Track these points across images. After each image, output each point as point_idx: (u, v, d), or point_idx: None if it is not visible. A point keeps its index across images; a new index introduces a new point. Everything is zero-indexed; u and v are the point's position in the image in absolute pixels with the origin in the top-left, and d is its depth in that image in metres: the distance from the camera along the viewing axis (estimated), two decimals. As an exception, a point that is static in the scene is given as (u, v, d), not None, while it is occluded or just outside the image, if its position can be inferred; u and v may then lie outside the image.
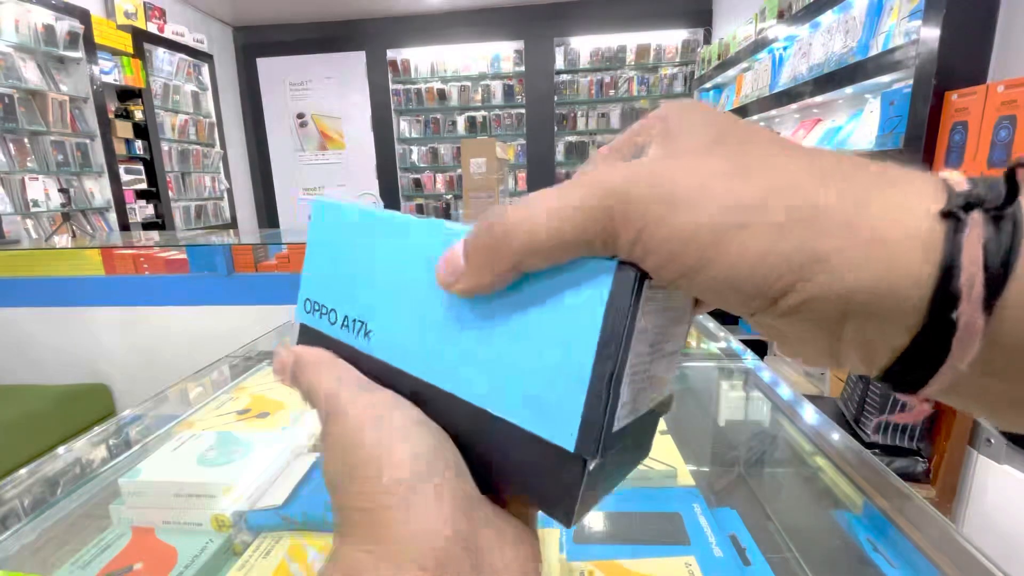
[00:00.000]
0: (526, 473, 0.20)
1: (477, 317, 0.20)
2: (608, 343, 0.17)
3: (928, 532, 0.47)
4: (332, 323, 0.24)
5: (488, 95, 5.46)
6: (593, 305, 0.17)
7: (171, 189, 4.59)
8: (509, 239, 0.17)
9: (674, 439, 0.65)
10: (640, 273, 0.16)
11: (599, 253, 0.17)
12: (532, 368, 0.18)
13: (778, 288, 0.15)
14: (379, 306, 0.22)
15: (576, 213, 0.16)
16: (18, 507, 0.59)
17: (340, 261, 0.24)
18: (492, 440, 0.20)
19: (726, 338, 1.07)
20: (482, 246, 0.18)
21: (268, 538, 0.51)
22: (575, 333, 0.17)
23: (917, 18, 1.65)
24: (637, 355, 0.18)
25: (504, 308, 0.19)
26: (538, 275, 0.18)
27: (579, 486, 0.18)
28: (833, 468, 0.61)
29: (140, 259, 2.03)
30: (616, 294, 0.17)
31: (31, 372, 2.05)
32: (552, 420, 0.18)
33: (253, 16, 5.28)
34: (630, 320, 0.17)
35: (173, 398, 0.86)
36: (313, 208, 0.25)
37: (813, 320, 0.15)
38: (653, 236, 0.15)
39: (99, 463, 0.68)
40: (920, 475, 1.43)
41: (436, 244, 0.20)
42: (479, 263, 0.18)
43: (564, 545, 0.49)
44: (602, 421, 0.17)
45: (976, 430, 1.35)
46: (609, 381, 0.17)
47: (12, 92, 3.19)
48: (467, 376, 0.20)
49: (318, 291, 0.25)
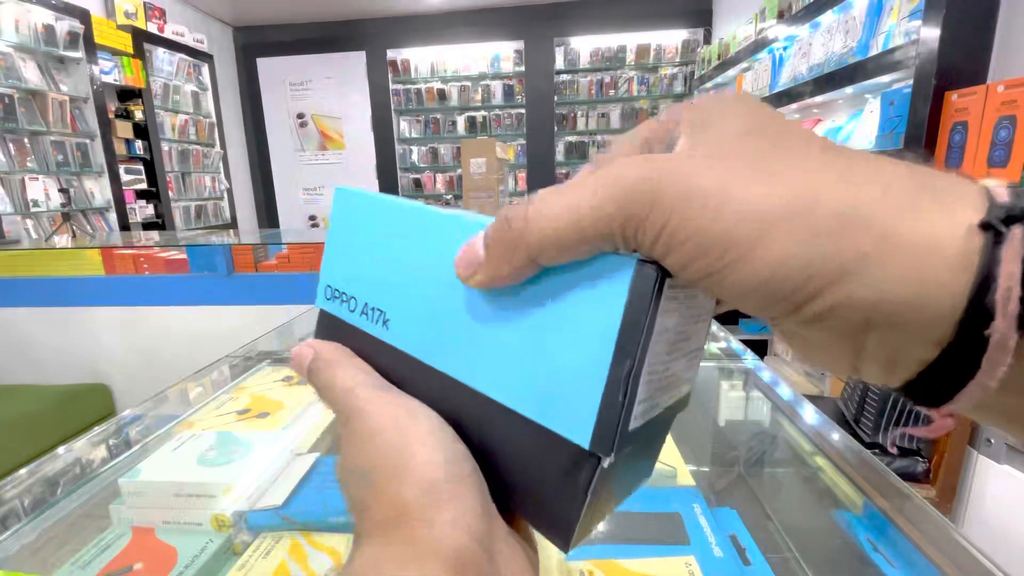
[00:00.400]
0: (534, 472, 0.19)
1: (495, 310, 0.19)
2: (627, 341, 0.16)
3: (928, 532, 0.47)
4: (352, 311, 0.24)
5: (488, 95, 5.46)
6: (613, 302, 0.17)
7: (171, 189, 4.59)
8: (528, 232, 0.17)
9: (674, 439, 0.65)
10: (661, 271, 0.16)
11: (620, 249, 0.16)
12: (549, 363, 0.18)
13: (803, 294, 0.14)
14: (398, 296, 0.22)
15: (597, 208, 0.16)
16: (18, 507, 0.59)
17: (361, 249, 0.24)
18: (504, 436, 0.20)
19: (726, 338, 1.07)
20: (501, 239, 0.18)
21: (268, 538, 0.51)
22: (593, 330, 0.17)
23: (917, 18, 1.65)
24: (656, 354, 0.17)
25: (522, 302, 0.19)
26: (558, 269, 0.18)
27: (588, 488, 0.18)
28: (833, 468, 0.61)
29: (140, 259, 2.03)
30: (636, 291, 0.16)
31: (31, 372, 2.05)
32: (567, 416, 0.18)
33: (253, 16, 5.28)
34: (650, 319, 0.16)
35: (173, 398, 0.86)
36: (336, 195, 0.25)
37: (836, 328, 0.15)
38: (676, 234, 0.15)
39: (99, 463, 0.68)
40: (920, 475, 1.43)
41: (456, 236, 0.20)
42: (497, 256, 0.18)
43: (564, 545, 0.49)
44: (618, 419, 0.17)
45: (976, 430, 1.35)
46: (627, 380, 0.17)
47: (12, 92, 3.18)
48: (483, 369, 0.20)
49: (338, 278, 0.25)
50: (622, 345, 0.17)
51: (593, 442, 0.17)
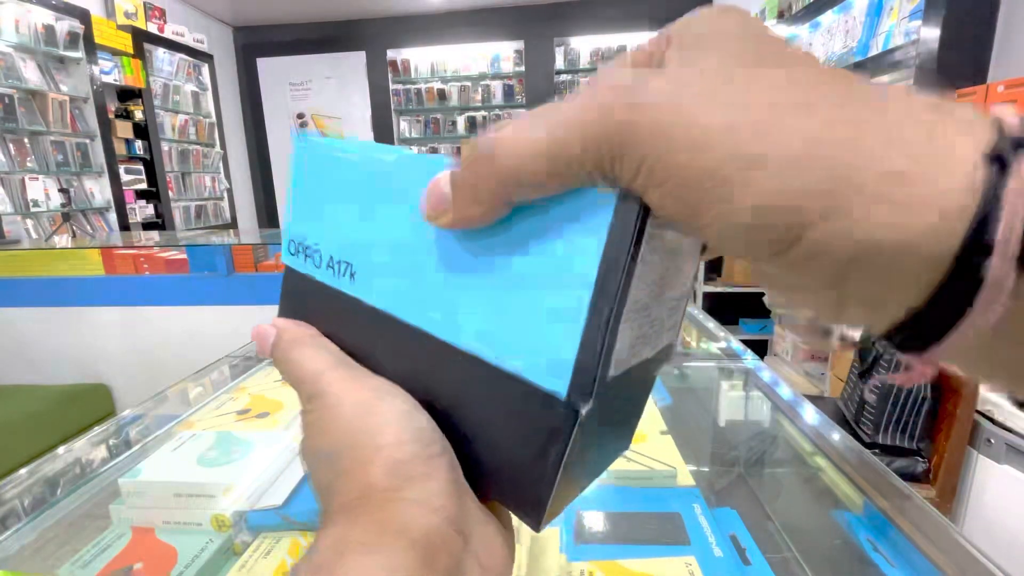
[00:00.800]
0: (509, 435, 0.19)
1: (466, 253, 0.18)
2: (606, 282, 0.16)
3: (928, 532, 0.47)
4: (317, 265, 0.23)
5: (488, 95, 5.46)
6: (591, 240, 0.16)
7: (171, 189, 4.59)
8: (497, 168, 0.16)
9: (674, 439, 0.65)
10: (643, 207, 0.15)
11: (599, 183, 0.15)
12: (523, 309, 0.17)
13: (787, 238, 0.13)
14: (364, 245, 0.21)
15: (572, 138, 0.14)
16: (18, 507, 0.59)
17: (324, 199, 0.22)
18: (477, 395, 0.19)
19: (726, 338, 1.07)
20: (469, 176, 0.16)
21: (268, 538, 0.51)
22: (571, 271, 0.16)
23: (917, 18, 1.65)
24: (637, 297, 0.16)
25: (495, 243, 0.17)
26: (533, 206, 0.17)
27: (567, 443, 0.17)
28: (833, 468, 0.61)
29: (140, 259, 2.03)
30: (616, 229, 0.15)
31: (31, 372, 2.05)
32: (543, 363, 0.17)
33: (253, 16, 5.28)
34: (630, 258, 0.15)
35: (173, 398, 0.86)
36: (295, 143, 0.23)
37: (820, 271, 0.14)
38: (654, 171, 0.14)
39: (99, 463, 0.68)
40: (920, 475, 1.43)
41: (422, 176, 0.18)
42: (466, 194, 0.17)
43: (564, 545, 0.49)
44: (597, 364, 0.16)
45: (976, 430, 1.35)
46: (606, 323, 0.16)
47: (12, 92, 3.18)
48: (455, 318, 0.19)
49: (302, 231, 0.23)
50: (601, 285, 0.16)
51: (571, 388, 0.16)
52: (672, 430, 0.67)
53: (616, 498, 0.56)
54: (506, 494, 0.20)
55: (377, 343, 0.21)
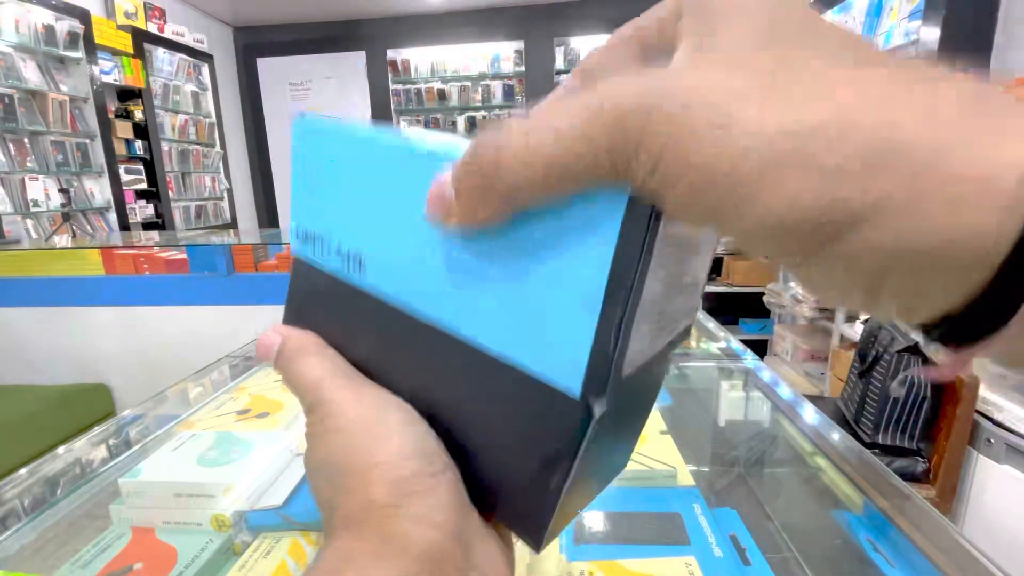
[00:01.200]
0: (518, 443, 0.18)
1: (476, 251, 0.18)
2: (617, 287, 0.15)
3: (928, 532, 0.48)
4: (325, 254, 0.22)
5: (488, 95, 5.46)
6: (602, 245, 0.15)
7: (171, 189, 4.59)
8: (501, 172, 0.15)
9: (674, 439, 0.65)
10: (656, 208, 0.14)
11: (610, 183, 0.14)
12: (534, 309, 0.17)
13: (822, 237, 0.12)
14: (373, 236, 0.20)
15: (580, 138, 0.13)
16: (18, 507, 0.59)
17: (329, 185, 0.21)
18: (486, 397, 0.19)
19: (726, 338, 1.07)
20: (471, 180, 0.16)
21: (268, 538, 0.51)
22: (582, 274, 0.16)
23: (917, 18, 1.65)
24: (651, 296, 0.16)
25: (505, 242, 0.17)
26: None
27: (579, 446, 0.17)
28: (833, 468, 0.61)
29: (140, 259, 2.03)
30: (627, 232, 0.15)
31: (31, 372, 2.05)
32: (557, 362, 0.17)
33: (253, 16, 5.28)
34: (642, 263, 0.15)
35: (173, 398, 0.86)
36: (295, 125, 0.22)
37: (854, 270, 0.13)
38: (670, 171, 0.13)
39: (99, 463, 0.68)
40: (920, 475, 1.43)
41: (429, 167, 0.17)
42: (469, 200, 0.16)
43: (564, 545, 0.49)
44: (610, 364, 0.16)
45: (976, 430, 1.35)
46: (619, 326, 0.15)
47: (12, 92, 3.18)
48: (465, 312, 0.18)
49: (308, 217, 0.23)
50: (612, 292, 0.15)
51: (585, 387, 0.16)
52: (672, 430, 0.67)
53: (616, 498, 0.56)
54: (509, 510, 0.20)
55: (384, 344, 0.21)
